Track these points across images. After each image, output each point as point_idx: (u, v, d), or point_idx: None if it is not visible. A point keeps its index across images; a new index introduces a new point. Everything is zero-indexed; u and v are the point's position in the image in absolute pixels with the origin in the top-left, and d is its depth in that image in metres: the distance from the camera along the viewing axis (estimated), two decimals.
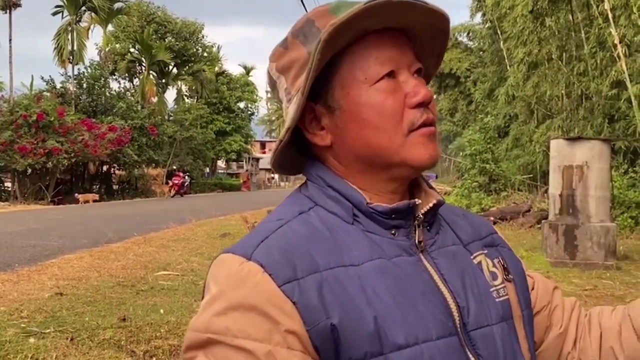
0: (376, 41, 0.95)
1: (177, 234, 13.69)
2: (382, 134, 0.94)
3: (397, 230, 0.97)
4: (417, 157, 0.95)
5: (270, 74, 1.04)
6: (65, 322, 5.76)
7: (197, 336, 0.87)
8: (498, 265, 1.06)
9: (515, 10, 18.54)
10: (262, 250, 0.89)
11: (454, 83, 35.99)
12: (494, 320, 0.97)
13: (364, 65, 0.95)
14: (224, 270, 0.90)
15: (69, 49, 36.63)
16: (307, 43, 0.96)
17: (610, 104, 15.70)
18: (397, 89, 0.95)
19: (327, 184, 0.99)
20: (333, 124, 0.98)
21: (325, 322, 0.84)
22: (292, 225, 0.94)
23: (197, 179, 46.21)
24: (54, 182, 28.49)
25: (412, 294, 0.91)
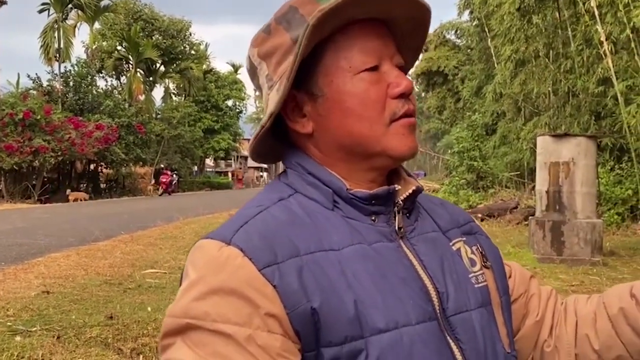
0: (360, 31, 0.96)
1: (164, 232, 13.65)
2: (364, 122, 0.95)
3: (377, 216, 0.97)
4: (397, 148, 0.96)
5: (252, 59, 1.03)
6: (52, 320, 5.74)
7: (175, 322, 0.86)
8: (476, 252, 1.07)
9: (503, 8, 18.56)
10: (241, 235, 0.89)
11: (441, 81, 36.04)
12: (472, 306, 0.98)
13: (348, 55, 0.95)
14: (202, 255, 0.90)
15: (56, 47, 36.37)
16: (290, 29, 0.96)
17: (597, 101, 15.77)
18: (380, 80, 0.96)
19: (307, 171, 0.99)
20: (315, 112, 0.98)
21: (305, 305, 0.84)
22: (271, 211, 0.94)
23: (185, 178, 46.06)
24: (40, 180, 28.33)
25: (392, 279, 0.91)
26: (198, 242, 0.93)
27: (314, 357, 0.85)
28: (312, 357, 0.85)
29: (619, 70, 13.56)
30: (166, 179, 36.52)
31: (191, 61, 48.82)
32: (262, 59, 1.01)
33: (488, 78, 24.49)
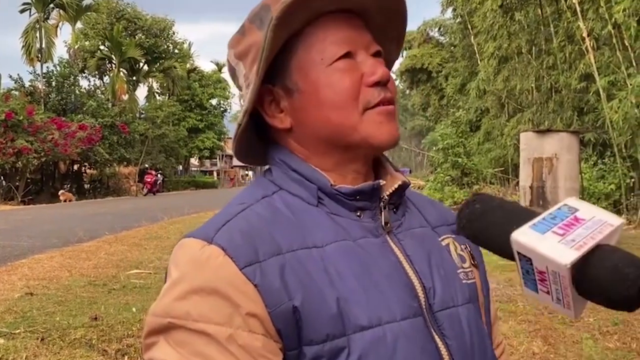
0: (332, 22, 0.96)
1: (149, 232, 13.58)
2: (339, 111, 0.95)
3: (363, 212, 0.97)
4: (376, 135, 0.95)
5: (230, 61, 1.03)
6: (36, 322, 5.70)
7: (157, 321, 0.86)
8: (465, 250, 1.06)
9: (485, 5, 18.68)
10: (223, 234, 0.88)
11: (426, 78, 36.16)
12: (460, 302, 0.97)
13: (320, 47, 0.95)
14: (184, 254, 0.90)
15: (38, 47, 36.12)
16: (262, 27, 0.95)
17: (579, 96, 15.90)
18: (354, 68, 0.95)
19: (291, 168, 0.98)
20: (292, 106, 0.98)
21: (287, 304, 0.84)
22: (254, 209, 0.94)
23: (169, 177, 45.89)
24: (24, 182, 28.09)
25: (377, 275, 0.91)
26: (181, 241, 0.92)
27: (296, 355, 0.85)
28: (294, 355, 0.85)
29: (601, 66, 13.68)
30: (151, 178, 36.37)
31: (175, 60, 48.62)
32: (239, 60, 1.01)
33: (472, 75, 24.62)
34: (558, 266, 0.63)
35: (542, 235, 0.66)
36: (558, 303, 0.67)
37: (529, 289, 0.69)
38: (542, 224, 0.68)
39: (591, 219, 0.68)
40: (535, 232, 0.67)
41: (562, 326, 5.52)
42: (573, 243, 0.64)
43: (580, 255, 0.63)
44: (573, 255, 0.63)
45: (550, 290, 0.66)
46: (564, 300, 0.66)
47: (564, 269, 0.63)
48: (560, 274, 0.64)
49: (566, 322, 5.61)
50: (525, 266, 0.67)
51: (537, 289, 0.68)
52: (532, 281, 0.68)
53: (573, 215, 0.68)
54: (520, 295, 6.66)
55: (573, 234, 0.66)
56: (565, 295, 0.65)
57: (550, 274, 0.65)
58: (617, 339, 5.16)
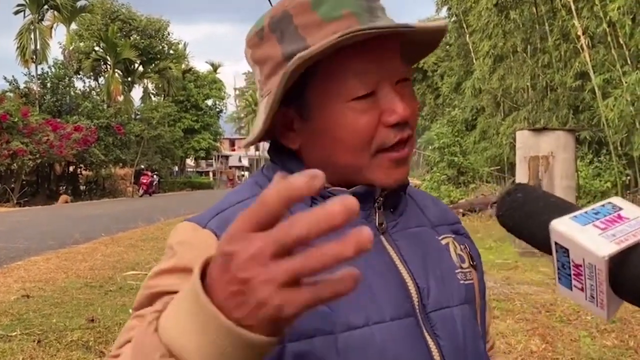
0: (355, 53, 0.88)
1: (145, 233, 13.57)
2: (349, 154, 0.92)
3: None
4: (382, 180, 0.93)
5: (247, 57, 1.01)
6: (32, 324, 5.69)
7: (143, 293, 0.88)
8: (464, 251, 1.06)
9: (480, 4, 18.69)
10: (217, 221, 0.91)
11: (421, 77, 36.19)
12: (455, 302, 0.96)
13: (341, 79, 0.89)
14: (177, 235, 0.94)
15: (32, 49, 36.04)
16: (283, 42, 0.91)
17: (575, 95, 15.91)
18: (372, 107, 0.91)
19: (287, 167, 0.97)
20: (303, 131, 0.95)
21: None
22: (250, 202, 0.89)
23: (165, 178, 45.81)
24: (19, 184, 28.00)
25: (369, 275, 0.89)
26: (178, 224, 0.97)
27: (280, 350, 0.82)
28: (278, 350, 0.82)
29: (596, 64, 13.69)
30: (146, 179, 36.29)
31: (170, 61, 48.58)
32: (255, 64, 0.98)
33: (467, 74, 24.61)
34: (595, 258, 0.62)
35: (582, 226, 0.65)
36: (591, 301, 0.66)
37: (562, 285, 0.68)
38: (584, 217, 0.67)
39: (635, 219, 0.67)
40: (576, 223, 0.66)
41: (559, 324, 5.53)
42: (614, 237, 0.63)
43: (619, 249, 0.62)
44: (612, 248, 0.62)
45: (584, 287, 0.65)
46: (598, 298, 0.65)
47: (601, 261, 0.62)
48: (597, 267, 0.63)
49: (564, 321, 5.62)
50: (561, 259, 0.67)
51: (571, 285, 0.67)
52: (566, 276, 0.67)
53: (616, 213, 0.68)
54: (517, 294, 6.67)
55: (614, 230, 0.65)
56: (599, 293, 0.64)
57: (587, 267, 0.64)
58: (614, 336, 5.16)
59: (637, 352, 4.82)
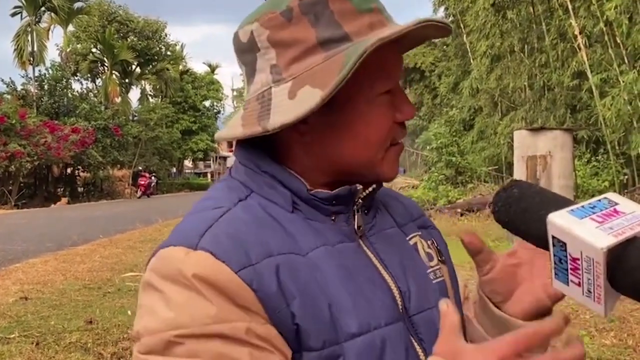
0: (386, 50, 0.86)
1: (144, 234, 13.56)
2: (370, 150, 0.91)
3: (337, 215, 0.93)
4: (388, 174, 0.94)
5: (256, 38, 0.89)
6: (31, 326, 5.69)
7: (156, 339, 0.77)
8: (432, 246, 1.05)
9: (477, 4, 18.70)
10: (208, 239, 0.81)
11: (419, 77, 36.16)
12: (433, 303, 0.94)
13: (371, 74, 0.88)
14: (166, 265, 0.82)
15: (29, 50, 35.97)
16: (317, 26, 0.85)
17: (572, 94, 15.94)
18: (392, 103, 0.91)
19: (262, 170, 0.92)
20: (323, 123, 0.89)
21: (285, 310, 0.80)
22: (235, 212, 0.88)
23: (163, 179, 45.77)
24: (17, 186, 27.98)
25: (359, 280, 0.88)
26: (158, 253, 0.85)
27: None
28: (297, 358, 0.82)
29: (593, 64, 13.71)
30: (144, 181, 36.25)
31: (167, 62, 48.52)
32: (273, 46, 0.88)
33: (464, 74, 24.63)
34: (594, 250, 0.62)
35: (579, 219, 0.66)
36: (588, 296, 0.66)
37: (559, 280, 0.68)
38: (581, 211, 0.67)
39: (631, 213, 0.67)
40: (573, 217, 0.66)
41: None
42: (611, 230, 0.64)
43: (617, 241, 0.62)
44: (610, 240, 0.62)
45: (581, 281, 0.65)
46: (595, 293, 0.65)
47: (599, 253, 0.62)
48: (595, 259, 0.62)
49: None
50: (558, 253, 0.66)
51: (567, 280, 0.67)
52: (563, 271, 0.67)
53: (613, 208, 0.68)
54: None
55: (611, 223, 0.65)
56: (596, 287, 0.64)
57: (584, 261, 0.64)
58: (613, 335, 5.17)
59: (635, 351, 4.83)
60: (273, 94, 0.87)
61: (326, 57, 0.85)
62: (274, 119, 0.85)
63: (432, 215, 16.01)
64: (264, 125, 0.86)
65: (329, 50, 0.85)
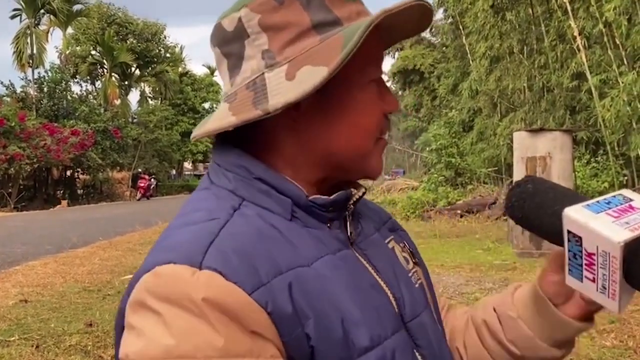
0: (374, 38, 0.85)
1: (143, 237, 13.55)
2: (365, 136, 0.89)
3: (332, 222, 0.90)
4: (375, 167, 0.92)
5: (245, 24, 0.86)
6: (30, 329, 5.68)
7: None
8: (405, 250, 1.03)
9: (476, 5, 18.70)
10: (214, 256, 0.74)
11: (418, 79, 36.17)
12: (421, 308, 0.94)
13: (365, 60, 0.87)
14: (168, 285, 0.73)
15: (29, 53, 36.02)
16: (309, 9, 0.84)
17: (572, 95, 15.94)
18: (378, 94, 0.90)
19: (255, 176, 0.87)
20: (314, 108, 0.86)
21: (299, 331, 0.75)
22: (235, 224, 0.81)
23: (163, 181, 45.80)
24: (16, 188, 27.98)
25: (365, 288, 0.86)
26: (155, 270, 0.75)
27: None
28: None
29: (593, 65, 13.71)
30: (144, 183, 36.27)
31: (167, 64, 48.55)
32: (264, 30, 0.85)
33: (464, 75, 24.62)
34: (610, 244, 0.62)
35: (595, 214, 0.65)
36: (602, 292, 0.65)
37: (572, 277, 0.68)
38: (596, 206, 0.67)
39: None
40: (589, 211, 0.66)
41: None
42: (627, 225, 0.64)
43: (634, 236, 0.62)
44: (627, 235, 0.62)
45: (596, 277, 0.65)
46: (610, 289, 0.64)
47: (616, 247, 0.61)
48: (611, 254, 0.62)
49: None
50: (573, 248, 0.66)
51: (582, 276, 0.66)
52: (577, 267, 0.66)
53: (628, 204, 0.68)
54: None
55: (628, 218, 0.65)
56: (612, 282, 0.64)
57: (600, 256, 0.63)
58: (614, 337, 5.16)
59: (636, 353, 4.82)
60: (267, 79, 0.84)
61: (322, 39, 0.83)
62: (274, 100, 0.81)
63: (432, 216, 16.02)
64: (263, 107, 0.81)
65: (323, 32, 0.84)
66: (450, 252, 9.92)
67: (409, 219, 16.36)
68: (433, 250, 9.98)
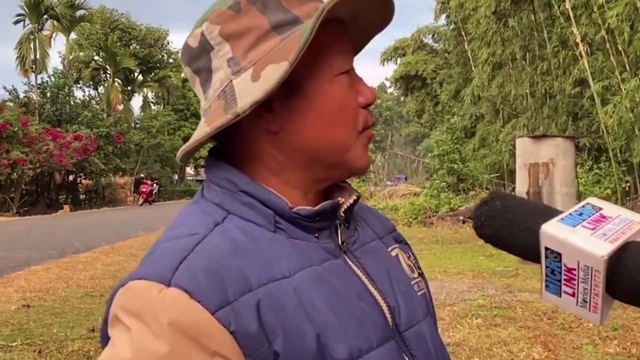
0: (338, 31, 0.88)
1: (146, 242, 13.54)
2: (342, 128, 0.88)
3: (320, 232, 0.89)
4: (360, 160, 0.91)
5: (207, 37, 0.88)
6: (33, 334, 5.68)
7: None
8: (411, 260, 1.02)
9: (479, 12, 18.73)
10: (183, 274, 0.76)
11: (420, 85, 36.21)
12: (421, 317, 0.93)
13: (330, 53, 0.87)
14: (135, 300, 0.76)
15: (32, 58, 36.08)
16: (266, 12, 0.85)
17: (574, 102, 15.94)
18: (351, 85, 0.89)
19: (240, 189, 0.87)
20: (287, 108, 0.87)
21: (267, 350, 0.75)
22: (211, 240, 0.82)
23: (165, 187, 45.82)
24: (19, 193, 28.00)
25: (349, 300, 0.85)
26: (127, 285, 0.79)
27: None
28: None
29: (595, 71, 13.72)
30: (146, 188, 36.29)
31: (169, 70, 48.63)
32: (226, 39, 0.86)
33: (466, 81, 24.66)
34: (593, 259, 0.61)
35: (572, 228, 0.64)
36: (583, 306, 0.65)
37: (550, 292, 0.67)
38: (571, 219, 0.66)
39: (617, 217, 0.67)
40: (566, 226, 0.65)
41: (562, 332, 5.51)
42: (605, 237, 0.63)
43: (614, 248, 0.61)
44: (608, 247, 0.61)
45: (576, 292, 0.64)
46: (592, 302, 0.64)
47: (600, 261, 0.61)
48: (594, 268, 0.62)
49: (566, 328, 5.60)
50: (551, 265, 0.65)
51: (560, 291, 0.66)
52: (555, 283, 0.66)
53: (599, 213, 0.67)
54: (518, 302, 6.65)
55: (603, 229, 0.64)
56: (594, 296, 0.63)
57: (582, 270, 0.63)
58: (617, 344, 5.15)
59: None
60: (235, 85, 0.85)
61: (282, 38, 0.84)
62: (242, 102, 0.82)
63: (435, 222, 16.01)
64: (233, 111, 0.82)
65: (283, 32, 0.85)
66: (452, 258, 9.91)
67: (411, 225, 16.35)
68: (435, 257, 9.97)
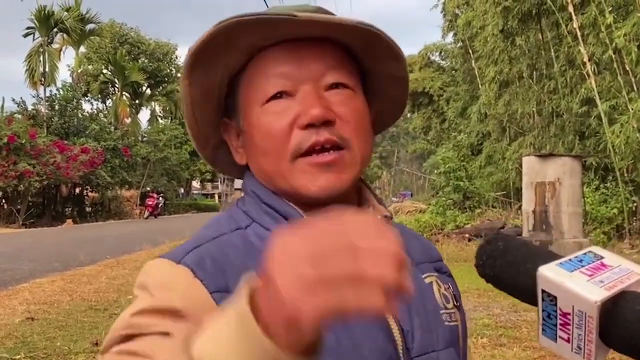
0: (272, 56, 0.89)
1: (150, 256, 13.47)
2: (268, 158, 0.89)
3: None
4: (307, 187, 0.87)
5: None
6: (37, 347, 5.66)
7: (115, 334, 0.76)
8: (448, 291, 1.01)
9: (486, 30, 18.80)
10: (192, 256, 0.84)
11: (427, 101, 36.27)
12: (441, 346, 0.92)
13: (256, 84, 0.89)
14: (149, 275, 0.84)
15: (41, 71, 36.28)
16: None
17: (581, 121, 15.94)
18: (287, 108, 0.87)
19: (262, 200, 0.93)
20: (242, 144, 0.96)
21: None
22: (229, 238, 0.89)
23: (171, 200, 45.87)
24: (25, 205, 28.07)
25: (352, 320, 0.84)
26: (147, 263, 0.88)
27: None
28: None
29: (602, 91, 13.72)
30: (152, 201, 36.32)
31: (177, 84, 48.85)
32: None
33: (473, 99, 24.69)
34: (587, 304, 0.61)
35: (570, 273, 0.64)
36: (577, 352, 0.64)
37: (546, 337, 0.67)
38: (569, 264, 0.66)
39: (618, 267, 0.67)
40: (563, 270, 0.65)
41: None
42: (602, 284, 0.63)
43: (610, 295, 0.61)
44: (603, 294, 0.61)
45: (571, 337, 0.64)
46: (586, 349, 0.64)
47: (593, 307, 0.61)
48: (588, 314, 0.62)
49: None
50: (547, 308, 0.65)
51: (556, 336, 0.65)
52: (552, 327, 0.66)
53: (599, 261, 0.67)
54: (524, 321, 6.61)
55: (601, 276, 0.64)
56: (587, 342, 0.63)
57: (576, 315, 0.63)
58: None
59: None
60: None
61: None
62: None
63: (440, 240, 15.95)
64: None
65: None
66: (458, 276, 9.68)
67: None
68: None
